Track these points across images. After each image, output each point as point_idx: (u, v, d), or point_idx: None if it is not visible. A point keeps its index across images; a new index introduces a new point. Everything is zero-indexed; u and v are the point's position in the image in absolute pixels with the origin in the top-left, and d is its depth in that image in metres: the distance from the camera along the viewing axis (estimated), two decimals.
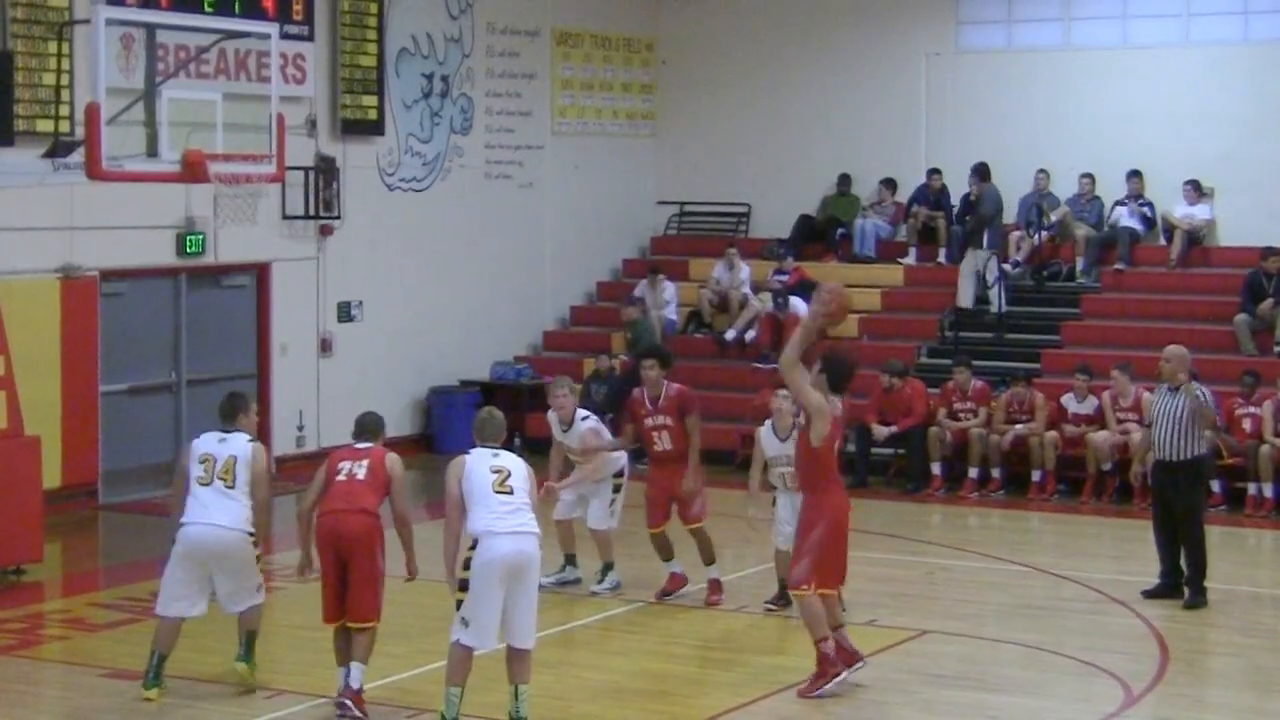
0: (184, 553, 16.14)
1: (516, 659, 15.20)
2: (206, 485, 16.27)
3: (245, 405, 16.89)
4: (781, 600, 19.58)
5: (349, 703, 15.23)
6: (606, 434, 20.37)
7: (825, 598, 16.18)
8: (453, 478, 15.17)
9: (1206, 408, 20.75)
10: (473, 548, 14.94)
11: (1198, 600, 19.92)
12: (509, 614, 15.00)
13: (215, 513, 16.05)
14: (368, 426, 16.33)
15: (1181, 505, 20.24)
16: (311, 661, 17.04)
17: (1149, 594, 20.20)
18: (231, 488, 16.16)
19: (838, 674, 16.03)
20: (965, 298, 31.47)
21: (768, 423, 19.73)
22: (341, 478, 15.68)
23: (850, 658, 16.28)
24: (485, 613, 14.87)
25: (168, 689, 16.16)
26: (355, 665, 15.38)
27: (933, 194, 32.82)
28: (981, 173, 31.77)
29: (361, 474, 15.65)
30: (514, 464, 15.41)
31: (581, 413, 20.51)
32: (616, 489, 20.51)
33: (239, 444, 16.37)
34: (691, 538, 20.13)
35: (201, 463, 16.36)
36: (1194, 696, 16.84)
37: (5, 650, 18.17)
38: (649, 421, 19.96)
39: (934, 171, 32.88)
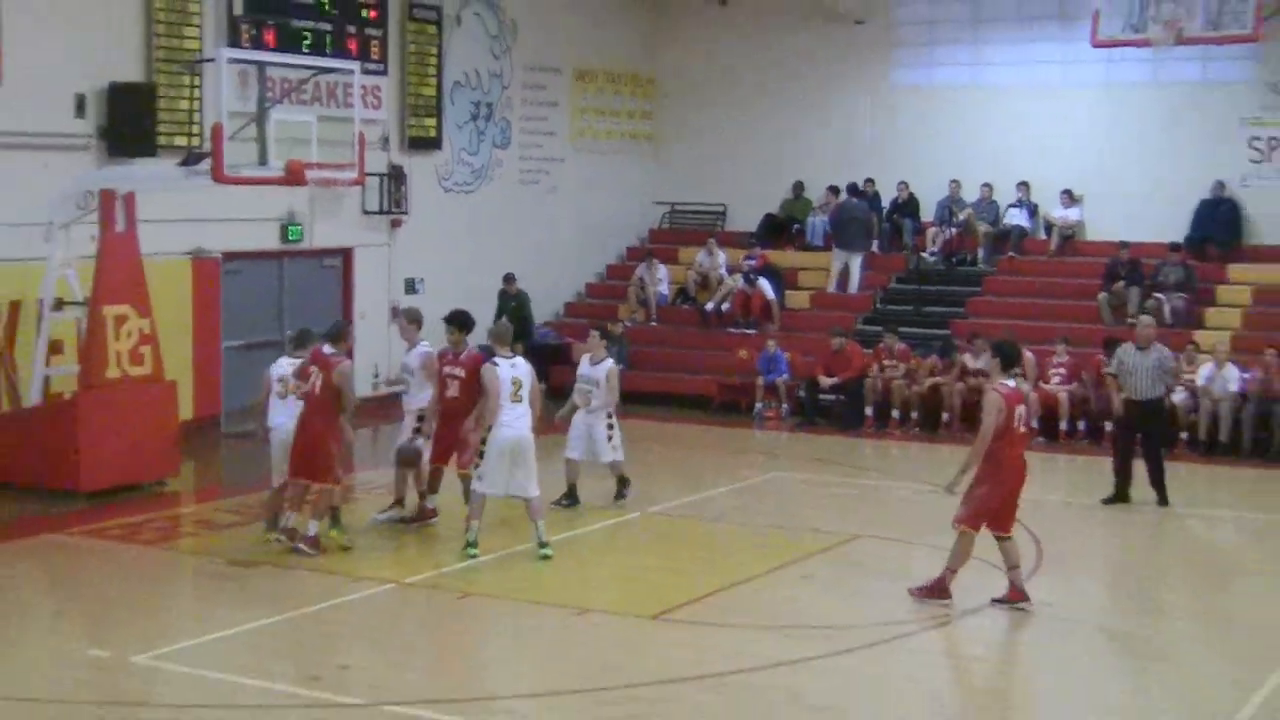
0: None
1: (530, 505, 17.46)
2: (284, 398, 17.87)
3: (312, 337, 18.27)
4: (569, 499, 20.25)
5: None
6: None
7: (966, 537, 15.74)
8: (491, 380, 17.08)
9: (1175, 365, 22.48)
10: (489, 431, 17.10)
11: (1165, 498, 21.31)
12: (512, 476, 17.23)
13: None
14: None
15: (1153, 432, 21.52)
16: (384, 558, 17.33)
17: (1107, 501, 21.32)
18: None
19: (942, 598, 15.70)
20: (832, 284, 32.18)
21: (586, 355, 20.83)
22: None
23: (1019, 595, 15.69)
24: (494, 475, 17.23)
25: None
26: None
27: (867, 198, 32.99)
28: (834, 191, 32.65)
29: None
30: (524, 373, 17.37)
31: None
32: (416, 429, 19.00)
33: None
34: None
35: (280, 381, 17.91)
36: (1063, 581, 17.11)
37: (151, 544, 18.49)
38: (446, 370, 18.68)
39: (869, 180, 33.03)
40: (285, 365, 18.05)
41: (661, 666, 13.80)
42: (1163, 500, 21.23)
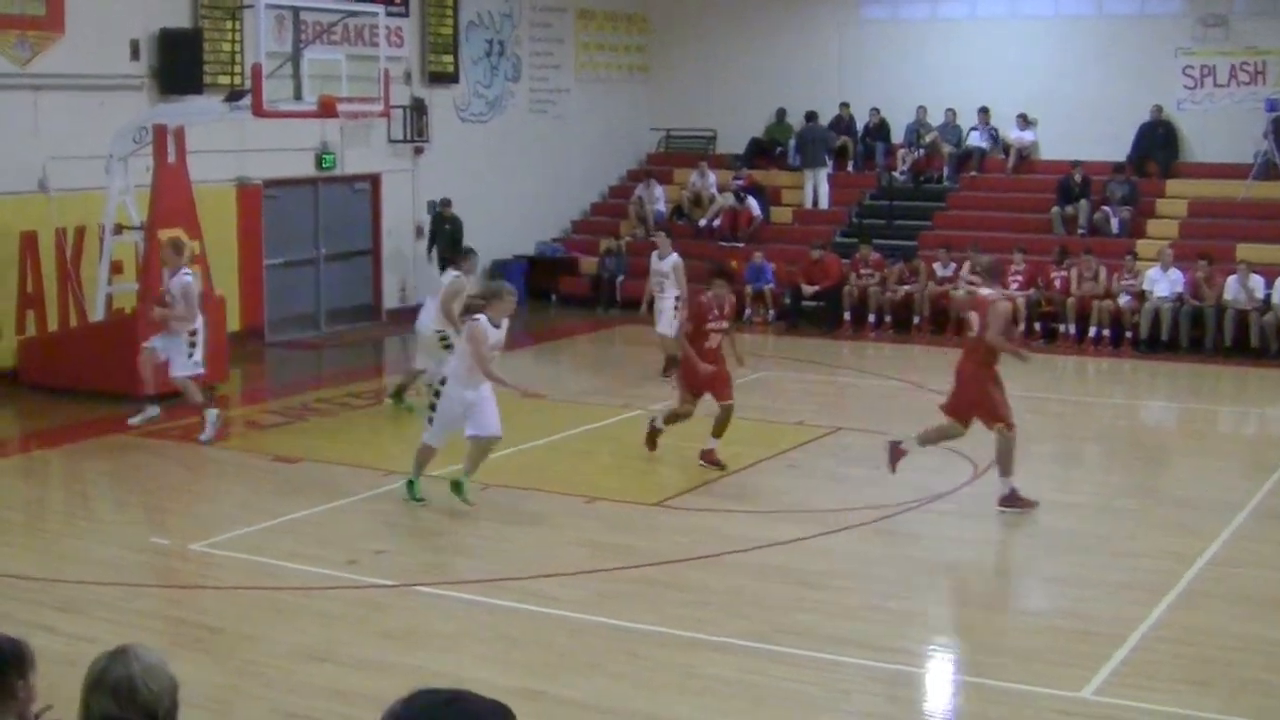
0: None
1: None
2: None
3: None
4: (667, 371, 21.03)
5: None
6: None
7: None
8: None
9: None
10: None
11: None
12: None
13: None
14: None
15: None
16: (412, 453, 17.36)
17: None
18: None
19: None
20: (807, 201, 32.08)
21: (655, 253, 22.09)
22: None
23: None
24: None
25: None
26: None
27: (843, 123, 32.90)
28: (808, 116, 32.40)
29: None
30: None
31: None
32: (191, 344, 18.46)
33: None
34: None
35: None
36: (1021, 465, 17.08)
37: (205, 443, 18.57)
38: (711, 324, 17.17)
39: (844, 105, 32.90)
40: None
41: (663, 548, 13.86)
42: None
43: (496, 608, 12.18)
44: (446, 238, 27.07)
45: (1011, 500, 15.14)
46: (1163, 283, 25.59)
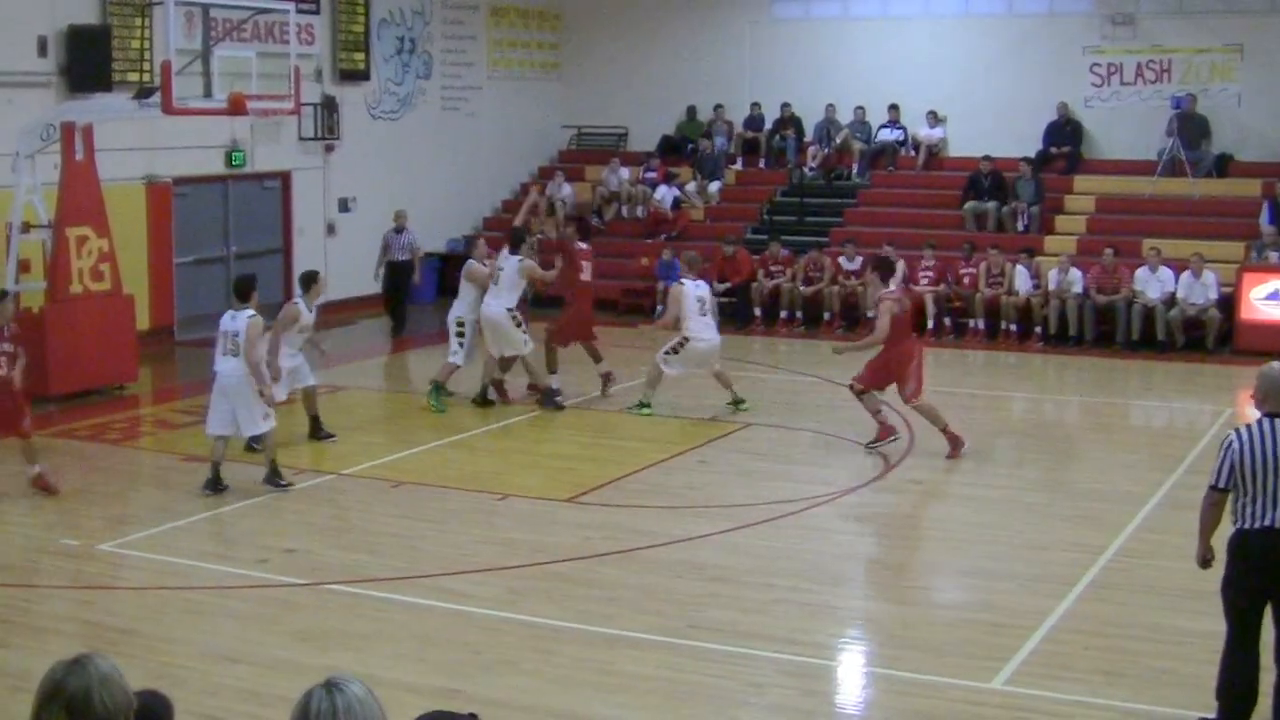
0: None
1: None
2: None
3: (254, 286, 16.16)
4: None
5: None
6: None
7: None
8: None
9: None
10: None
11: None
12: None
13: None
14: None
15: None
16: (325, 452, 17.26)
17: None
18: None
19: None
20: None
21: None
22: None
23: None
24: None
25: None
26: None
27: (756, 121, 32.97)
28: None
29: None
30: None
31: None
32: None
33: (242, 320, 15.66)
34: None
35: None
36: (930, 464, 17.28)
37: (114, 442, 18.38)
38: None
39: (755, 104, 33.00)
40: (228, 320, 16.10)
41: (575, 544, 13.86)
42: None
43: (409, 606, 12.16)
44: None
45: None
46: (1065, 282, 25.78)
